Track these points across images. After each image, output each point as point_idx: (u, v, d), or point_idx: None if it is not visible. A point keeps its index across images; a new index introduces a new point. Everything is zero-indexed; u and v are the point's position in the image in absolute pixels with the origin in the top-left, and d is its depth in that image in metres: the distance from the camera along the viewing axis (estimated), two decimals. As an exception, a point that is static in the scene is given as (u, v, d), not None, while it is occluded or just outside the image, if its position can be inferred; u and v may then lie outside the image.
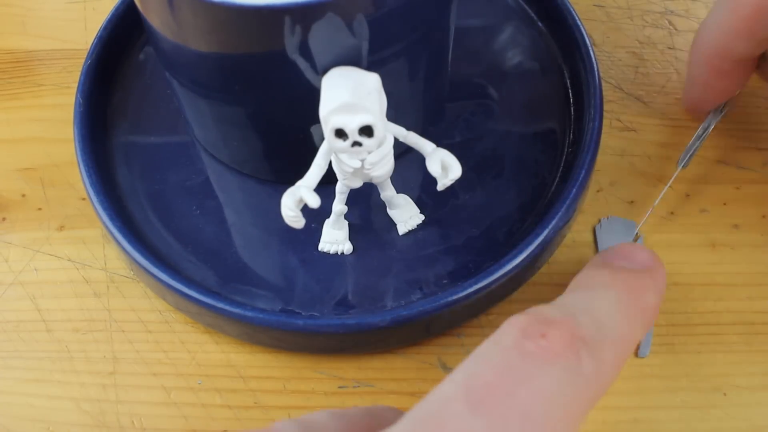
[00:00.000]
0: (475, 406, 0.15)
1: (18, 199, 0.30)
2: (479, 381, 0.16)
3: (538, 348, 0.16)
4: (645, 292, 0.20)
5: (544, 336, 0.17)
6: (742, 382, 0.25)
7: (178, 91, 0.27)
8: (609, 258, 0.22)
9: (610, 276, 0.20)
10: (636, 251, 0.22)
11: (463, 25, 0.31)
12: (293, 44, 0.21)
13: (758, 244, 0.28)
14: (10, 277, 0.28)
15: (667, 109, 0.31)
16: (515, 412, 0.15)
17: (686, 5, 0.34)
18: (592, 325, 0.18)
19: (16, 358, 0.27)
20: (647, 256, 0.22)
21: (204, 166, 0.29)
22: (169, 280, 0.25)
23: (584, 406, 0.17)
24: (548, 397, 0.16)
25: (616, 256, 0.22)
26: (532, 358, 0.16)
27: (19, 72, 0.34)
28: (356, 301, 0.26)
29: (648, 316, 0.20)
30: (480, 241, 0.27)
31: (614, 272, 0.21)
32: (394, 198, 0.26)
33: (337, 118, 0.20)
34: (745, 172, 0.30)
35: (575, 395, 0.16)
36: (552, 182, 0.28)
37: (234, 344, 0.27)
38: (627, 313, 0.19)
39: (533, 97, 0.30)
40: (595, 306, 0.19)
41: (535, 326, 0.17)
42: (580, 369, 0.16)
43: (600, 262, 0.22)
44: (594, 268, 0.21)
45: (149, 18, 0.23)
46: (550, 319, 0.17)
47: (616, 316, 0.19)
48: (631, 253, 0.22)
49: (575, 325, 0.17)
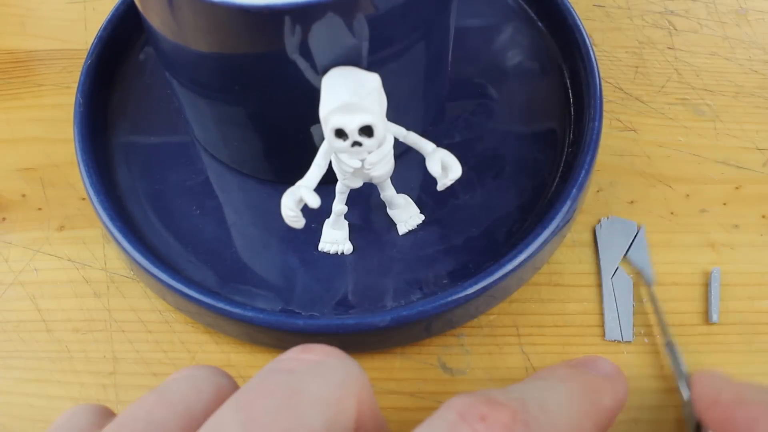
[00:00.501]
0: None
1: (18, 199, 0.30)
2: None
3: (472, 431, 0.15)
4: (602, 393, 0.20)
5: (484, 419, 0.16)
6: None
7: (178, 91, 0.27)
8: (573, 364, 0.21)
9: (569, 372, 0.20)
10: (600, 361, 0.21)
11: (463, 25, 0.31)
12: (293, 44, 0.21)
13: (758, 244, 0.28)
14: (10, 277, 0.28)
15: (667, 109, 0.31)
16: None
17: (686, 5, 0.34)
18: (538, 412, 0.17)
19: (16, 358, 0.27)
20: (611, 367, 0.21)
21: (204, 166, 0.29)
22: (169, 280, 0.25)
23: None
24: None
25: (579, 363, 0.21)
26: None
27: (19, 72, 0.34)
28: (356, 301, 0.26)
29: (602, 417, 0.19)
30: (480, 241, 0.27)
31: (574, 370, 0.20)
32: (394, 198, 0.26)
33: (337, 118, 0.20)
34: (745, 172, 0.30)
35: None
36: (552, 182, 0.28)
37: (234, 344, 0.27)
38: (579, 407, 0.18)
39: (533, 97, 0.30)
40: (547, 395, 0.18)
41: (475, 408, 0.16)
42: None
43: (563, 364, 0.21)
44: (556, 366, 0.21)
45: (149, 18, 0.23)
46: (493, 401, 0.16)
47: (567, 407, 0.18)
48: (596, 363, 0.21)
49: (519, 409, 0.16)
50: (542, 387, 0.18)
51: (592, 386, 0.20)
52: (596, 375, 0.20)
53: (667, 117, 0.31)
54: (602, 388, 0.20)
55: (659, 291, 0.27)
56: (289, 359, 0.17)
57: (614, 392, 0.20)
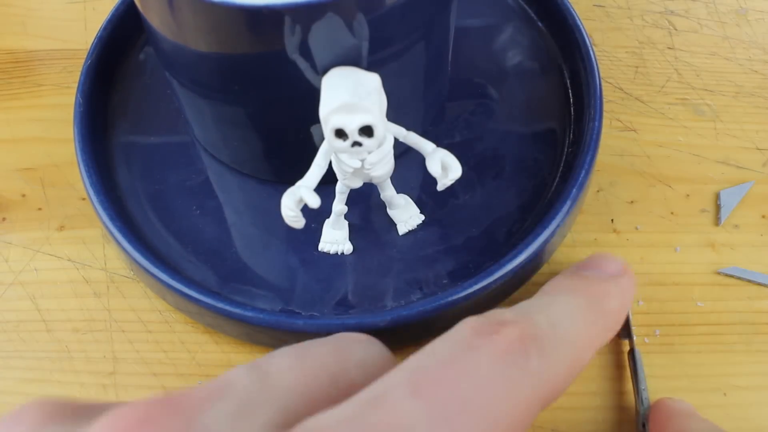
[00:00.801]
0: (416, 392, 0.15)
1: (18, 199, 0.30)
2: (424, 370, 0.16)
3: (486, 343, 0.16)
4: (607, 297, 0.20)
5: (495, 333, 0.17)
6: (742, 382, 0.25)
7: (178, 91, 0.27)
8: (579, 267, 0.22)
9: (573, 282, 0.20)
10: (606, 260, 0.22)
11: (463, 25, 0.31)
12: (293, 44, 0.21)
13: (758, 244, 0.28)
14: (10, 277, 0.28)
15: (667, 109, 0.31)
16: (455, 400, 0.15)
17: (686, 5, 0.34)
18: (546, 325, 0.18)
19: (16, 358, 0.27)
20: (617, 265, 0.22)
21: (204, 166, 0.29)
22: (169, 280, 0.25)
23: (531, 403, 0.16)
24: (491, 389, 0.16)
25: (586, 265, 0.22)
26: (478, 352, 0.16)
27: (19, 72, 0.34)
28: (356, 301, 0.26)
29: (609, 320, 0.20)
30: (480, 241, 0.27)
31: (578, 279, 0.21)
32: (394, 198, 0.26)
33: (337, 118, 0.20)
34: (745, 172, 0.30)
35: (520, 391, 0.16)
36: (552, 182, 0.28)
37: (234, 344, 0.27)
38: (585, 316, 0.19)
39: (533, 97, 0.30)
40: (553, 309, 0.19)
41: (487, 325, 0.17)
42: (527, 365, 0.16)
43: (569, 272, 0.22)
44: (561, 276, 0.21)
45: (149, 18, 0.23)
46: (504, 319, 0.17)
47: (573, 318, 0.19)
48: (601, 262, 0.22)
49: (528, 324, 0.17)
50: (549, 302, 0.19)
51: (597, 293, 0.20)
52: (601, 279, 0.21)
53: (667, 117, 0.31)
54: (608, 292, 0.20)
55: (659, 291, 0.27)
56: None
57: (621, 293, 0.21)
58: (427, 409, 0.15)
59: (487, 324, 0.17)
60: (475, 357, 0.16)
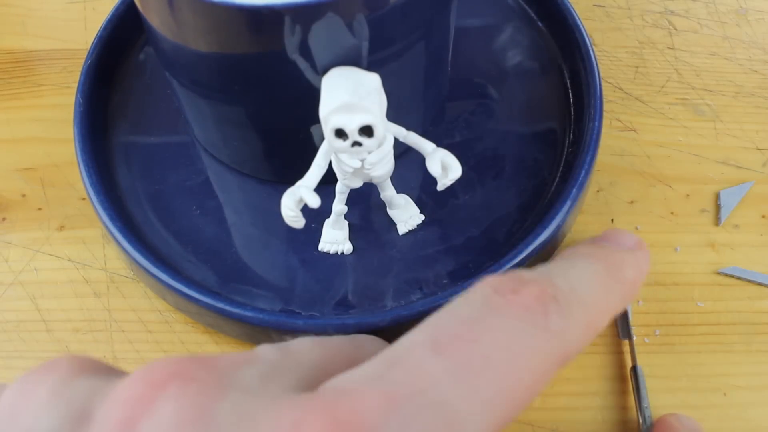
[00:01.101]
0: (438, 349, 0.15)
1: (18, 199, 0.30)
2: (446, 329, 0.16)
3: (507, 301, 0.17)
4: (624, 266, 0.20)
5: (516, 292, 0.17)
6: (742, 382, 0.25)
7: (178, 91, 0.27)
8: (596, 240, 0.23)
9: (592, 250, 0.21)
10: (623, 235, 0.22)
11: (463, 25, 0.31)
12: (293, 44, 0.21)
13: (758, 244, 0.28)
14: (10, 277, 0.28)
15: (667, 109, 0.31)
16: (476, 356, 0.15)
17: (686, 5, 0.34)
18: (565, 287, 0.18)
19: (16, 358, 0.27)
20: (633, 239, 0.22)
21: (204, 166, 0.29)
22: (169, 280, 0.25)
23: (549, 362, 0.17)
24: (511, 346, 0.16)
25: (602, 238, 0.22)
26: (499, 310, 0.17)
27: (19, 72, 0.34)
28: (356, 301, 0.26)
29: (626, 289, 0.20)
30: (480, 241, 0.27)
31: (595, 247, 0.21)
32: (394, 198, 0.26)
33: (337, 118, 0.20)
34: (745, 172, 0.30)
35: (540, 349, 0.16)
36: (552, 182, 0.28)
37: (234, 344, 0.27)
38: (603, 282, 0.19)
39: (533, 97, 0.30)
40: (572, 273, 0.19)
41: (508, 284, 0.17)
42: (547, 324, 0.17)
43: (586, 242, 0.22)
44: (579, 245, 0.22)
45: (149, 18, 0.23)
46: (524, 279, 0.18)
47: (591, 282, 0.19)
48: (618, 236, 0.22)
49: (548, 284, 0.18)
50: (567, 266, 0.19)
51: (614, 261, 0.20)
52: (618, 249, 0.21)
53: (667, 117, 0.31)
54: (624, 262, 0.21)
55: (659, 291, 0.27)
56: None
57: (636, 264, 0.21)
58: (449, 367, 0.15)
59: (508, 282, 0.17)
60: (496, 315, 0.16)
